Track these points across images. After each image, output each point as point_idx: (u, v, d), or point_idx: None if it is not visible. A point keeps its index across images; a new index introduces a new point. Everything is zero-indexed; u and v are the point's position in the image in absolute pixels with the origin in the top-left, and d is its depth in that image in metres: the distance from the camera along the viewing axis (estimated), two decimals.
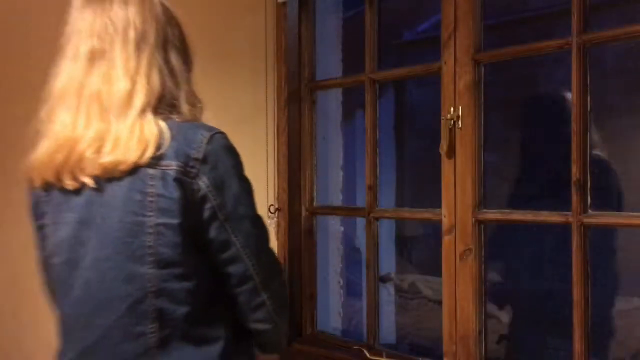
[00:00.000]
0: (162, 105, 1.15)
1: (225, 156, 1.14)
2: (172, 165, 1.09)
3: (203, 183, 1.10)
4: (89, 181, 1.11)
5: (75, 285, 1.13)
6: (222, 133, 1.16)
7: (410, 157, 4.88)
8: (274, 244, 2.12)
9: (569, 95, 1.54)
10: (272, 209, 2.17)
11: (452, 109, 1.70)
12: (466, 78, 1.68)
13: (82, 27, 1.16)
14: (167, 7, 1.23)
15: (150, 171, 1.09)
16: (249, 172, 1.19)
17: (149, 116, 1.12)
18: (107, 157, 1.09)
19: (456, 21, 1.70)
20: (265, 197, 2.17)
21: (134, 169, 1.09)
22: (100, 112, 1.11)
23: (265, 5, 2.13)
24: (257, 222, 1.17)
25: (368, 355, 1.93)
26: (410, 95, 5.52)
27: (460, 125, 1.69)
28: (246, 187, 1.17)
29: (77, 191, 1.13)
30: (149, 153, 1.08)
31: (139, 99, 1.12)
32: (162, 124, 1.12)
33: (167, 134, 1.11)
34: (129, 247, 1.09)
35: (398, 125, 4.97)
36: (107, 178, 1.10)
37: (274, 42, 2.13)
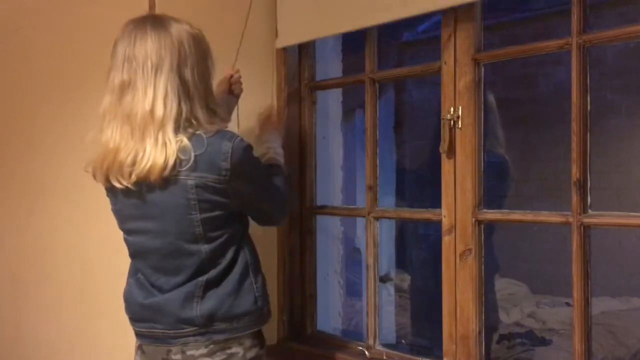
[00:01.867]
0: (183, 120, 1.42)
1: (245, 159, 1.46)
2: (208, 177, 1.41)
3: (234, 182, 1.43)
4: (131, 187, 1.42)
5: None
6: (240, 139, 1.45)
7: (410, 156, 4.88)
8: (274, 243, 2.12)
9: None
10: None
11: (452, 109, 1.70)
12: (466, 78, 1.68)
13: (116, 63, 1.45)
14: (185, 31, 1.47)
15: (190, 182, 1.40)
16: None
17: (170, 132, 1.39)
18: (139, 168, 1.38)
19: (456, 21, 1.70)
20: None
21: (175, 180, 1.40)
22: (130, 131, 1.40)
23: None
24: (266, 184, 1.60)
25: (368, 355, 1.94)
26: (410, 95, 5.52)
27: (460, 126, 1.69)
28: (259, 167, 1.58)
29: (125, 192, 1.45)
30: (171, 164, 1.38)
31: (158, 119, 1.38)
32: (185, 139, 1.40)
33: (191, 148, 1.39)
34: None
35: (398, 125, 4.97)
36: (148, 186, 1.42)
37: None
